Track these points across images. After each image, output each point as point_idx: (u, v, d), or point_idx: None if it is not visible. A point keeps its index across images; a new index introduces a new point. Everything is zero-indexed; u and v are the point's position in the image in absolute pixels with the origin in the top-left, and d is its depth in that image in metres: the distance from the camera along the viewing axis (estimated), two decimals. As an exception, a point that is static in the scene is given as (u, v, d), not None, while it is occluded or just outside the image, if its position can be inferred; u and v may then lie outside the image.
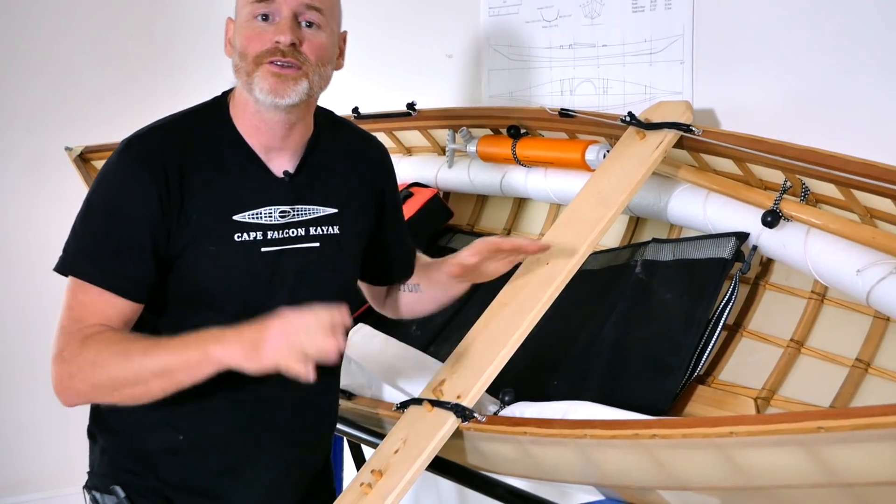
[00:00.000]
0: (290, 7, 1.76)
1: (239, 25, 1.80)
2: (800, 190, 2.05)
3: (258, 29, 1.76)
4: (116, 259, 1.75)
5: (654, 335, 2.11)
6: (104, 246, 1.76)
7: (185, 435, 1.85)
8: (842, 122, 2.12)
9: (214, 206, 1.79)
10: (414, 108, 2.81)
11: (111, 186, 1.79)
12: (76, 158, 3.35)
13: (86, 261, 1.76)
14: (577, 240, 2.02)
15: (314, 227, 1.88)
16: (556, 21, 2.67)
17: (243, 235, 1.80)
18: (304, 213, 1.87)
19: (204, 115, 1.88)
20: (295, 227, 1.86)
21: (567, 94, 2.67)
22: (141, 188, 1.75)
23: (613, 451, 1.71)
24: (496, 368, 1.90)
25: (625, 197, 2.06)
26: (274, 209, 1.83)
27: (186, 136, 1.82)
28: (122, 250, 1.75)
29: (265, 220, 1.82)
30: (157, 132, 1.83)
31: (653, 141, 2.13)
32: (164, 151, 1.78)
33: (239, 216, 1.80)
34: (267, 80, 1.75)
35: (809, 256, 2.01)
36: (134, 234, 1.75)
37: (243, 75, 1.78)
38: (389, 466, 1.84)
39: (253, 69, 1.76)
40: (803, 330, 2.12)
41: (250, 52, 1.76)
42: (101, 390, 1.73)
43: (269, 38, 1.75)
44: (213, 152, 1.82)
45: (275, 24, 1.76)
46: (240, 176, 1.82)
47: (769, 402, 2.06)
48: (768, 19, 2.22)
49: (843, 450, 1.39)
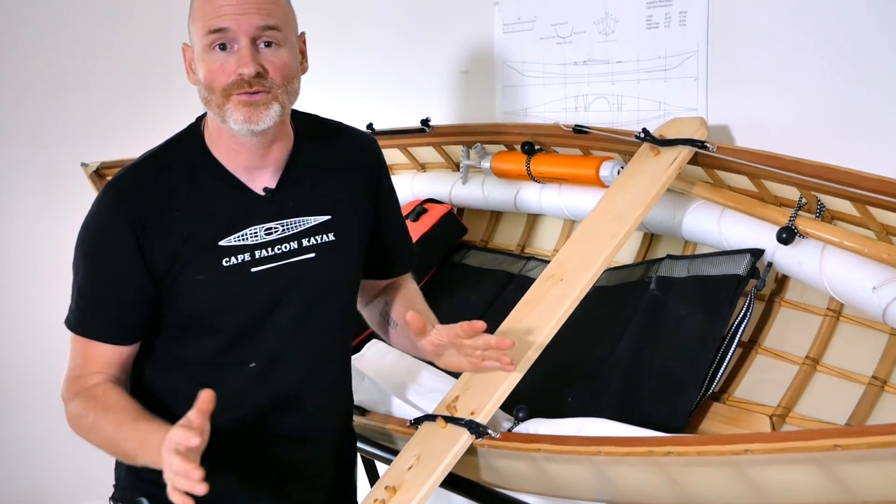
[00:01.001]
0: (246, 34, 1.71)
1: (199, 56, 1.75)
2: (815, 206, 2.04)
3: (218, 61, 1.72)
4: (101, 309, 1.81)
5: (669, 352, 2.10)
6: (88, 297, 1.81)
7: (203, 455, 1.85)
8: (857, 138, 2.11)
9: (199, 235, 1.78)
10: (428, 124, 2.82)
11: (91, 237, 1.80)
12: (92, 174, 3.36)
13: (74, 313, 1.84)
14: (591, 256, 2.02)
15: (307, 238, 1.85)
16: (571, 37, 2.67)
17: (231, 259, 1.79)
18: (294, 225, 1.84)
19: (178, 145, 1.86)
20: (286, 241, 1.83)
21: (581, 110, 2.67)
22: (119, 235, 1.75)
23: (628, 468, 1.70)
24: (510, 385, 1.90)
25: (639, 213, 2.06)
26: (259, 228, 1.81)
27: (162, 172, 1.81)
28: (106, 300, 1.80)
29: (251, 241, 1.80)
30: (132, 173, 1.82)
31: (667, 157, 2.13)
32: (141, 192, 1.77)
33: (224, 241, 1.79)
34: (239, 111, 1.72)
35: (825, 273, 2.01)
36: (116, 283, 1.78)
37: (214, 107, 1.75)
38: (403, 483, 1.83)
39: (223, 102, 1.73)
40: (819, 347, 2.11)
41: (217, 86, 1.72)
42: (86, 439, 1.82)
43: (231, 70, 1.71)
44: (190, 182, 1.80)
45: (234, 53, 1.72)
46: (220, 200, 1.80)
47: (785, 420, 2.05)
48: (783, 36, 2.22)
49: (859, 468, 1.39)
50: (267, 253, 1.81)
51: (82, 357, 1.83)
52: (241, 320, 1.81)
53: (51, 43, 4.05)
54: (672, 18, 2.41)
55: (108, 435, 1.75)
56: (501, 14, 2.85)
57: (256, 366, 1.84)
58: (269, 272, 1.81)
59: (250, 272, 1.79)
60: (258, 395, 1.85)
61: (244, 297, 1.80)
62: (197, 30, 1.74)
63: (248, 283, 1.80)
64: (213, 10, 1.71)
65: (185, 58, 1.82)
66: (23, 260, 4.03)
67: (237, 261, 1.79)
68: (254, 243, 1.80)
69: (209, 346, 1.82)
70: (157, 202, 1.76)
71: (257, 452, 1.89)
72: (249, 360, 1.84)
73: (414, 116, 2.85)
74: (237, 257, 1.79)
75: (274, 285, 1.82)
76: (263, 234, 1.81)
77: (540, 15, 2.74)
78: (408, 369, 2.38)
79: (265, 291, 1.81)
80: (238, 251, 1.79)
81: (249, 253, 1.79)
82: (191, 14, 1.77)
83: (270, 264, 1.81)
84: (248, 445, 1.87)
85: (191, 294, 1.78)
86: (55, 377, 3.94)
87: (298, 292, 1.84)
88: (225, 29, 1.70)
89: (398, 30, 3.24)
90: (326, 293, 1.88)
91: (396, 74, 3.22)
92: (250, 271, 1.79)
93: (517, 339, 1.96)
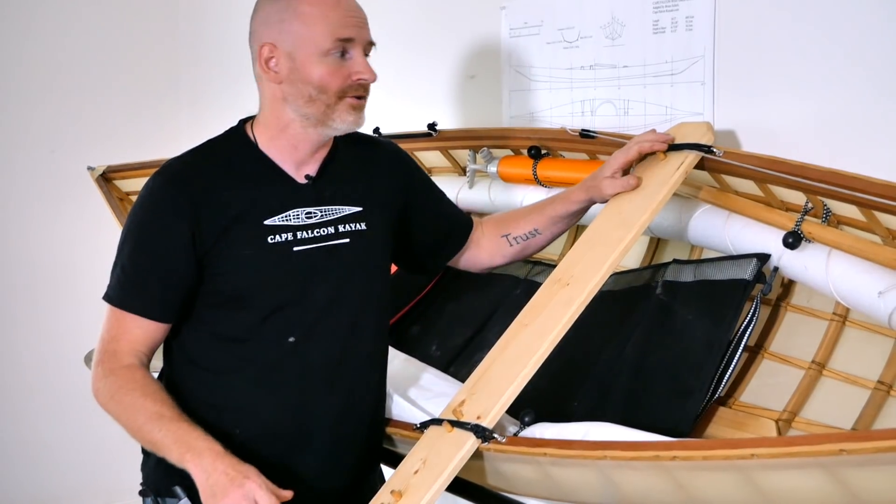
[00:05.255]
0: (361, 44, 1.94)
1: (309, 58, 1.91)
2: (821, 211, 2.04)
3: (336, 65, 1.91)
4: (143, 284, 1.94)
5: (675, 356, 2.10)
6: (132, 273, 1.94)
7: (241, 428, 1.98)
8: (863, 142, 2.11)
9: (245, 214, 1.94)
10: (435, 128, 2.82)
11: (141, 216, 1.95)
12: (98, 178, 3.37)
13: (115, 288, 1.94)
14: (597, 261, 2.02)
15: (342, 225, 2.02)
16: (577, 42, 2.67)
17: (276, 237, 1.95)
18: (331, 212, 2.02)
19: (223, 142, 2.03)
20: (324, 226, 2.00)
21: (588, 114, 2.67)
22: (169, 212, 1.92)
23: (634, 472, 1.70)
24: (516, 389, 1.90)
25: (646, 218, 2.06)
26: (300, 211, 1.98)
27: (210, 159, 1.99)
28: (149, 276, 1.93)
29: (293, 222, 1.97)
30: (179, 161, 1.99)
31: (674, 162, 2.13)
32: (191, 174, 1.95)
33: (269, 220, 1.95)
34: (350, 114, 1.95)
35: (831, 278, 2.00)
36: (162, 260, 1.93)
37: (321, 106, 1.93)
38: (409, 487, 1.83)
39: (335, 102, 1.93)
40: (825, 352, 2.11)
41: (332, 87, 1.92)
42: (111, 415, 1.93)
43: (346, 74, 1.92)
44: (237, 170, 1.98)
45: (349, 59, 1.93)
46: (265, 186, 1.97)
47: (791, 424, 2.05)
48: (789, 40, 2.22)
49: (865, 472, 1.39)
50: (307, 234, 1.98)
51: (118, 330, 1.95)
52: (281, 295, 1.96)
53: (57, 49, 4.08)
54: (679, 23, 2.42)
55: (139, 420, 1.86)
56: (508, 18, 2.85)
57: (295, 340, 1.98)
58: (309, 252, 1.98)
59: (293, 250, 1.96)
60: (294, 368, 1.99)
61: (286, 272, 1.96)
62: (315, 33, 1.91)
63: (291, 260, 1.96)
64: (343, 20, 1.92)
65: (262, 56, 1.95)
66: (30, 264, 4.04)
67: (281, 239, 1.95)
68: (296, 224, 1.97)
69: (247, 320, 1.96)
70: (205, 185, 1.94)
71: (290, 423, 2.01)
72: (288, 334, 1.97)
73: (421, 121, 2.85)
74: (281, 236, 1.96)
75: (313, 263, 1.97)
76: (304, 218, 1.99)
77: (547, 19, 2.74)
78: (414, 373, 2.38)
79: (305, 268, 1.97)
80: (282, 230, 1.96)
81: (292, 233, 1.97)
82: (296, 17, 1.91)
83: (310, 245, 1.98)
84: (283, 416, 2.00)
85: (237, 268, 1.93)
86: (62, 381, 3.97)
87: (334, 272, 2.00)
88: (351, 39, 1.92)
89: (405, 34, 3.24)
90: (359, 274, 2.05)
91: (403, 79, 3.22)
92: (293, 250, 1.96)
93: (523, 345, 1.96)
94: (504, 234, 2.26)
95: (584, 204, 2.20)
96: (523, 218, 2.26)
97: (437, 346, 2.62)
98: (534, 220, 2.24)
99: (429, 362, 2.48)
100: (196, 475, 1.79)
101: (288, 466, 1.98)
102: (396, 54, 3.22)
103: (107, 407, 1.92)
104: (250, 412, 1.99)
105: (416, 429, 2.02)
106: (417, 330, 2.74)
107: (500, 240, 2.27)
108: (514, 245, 2.26)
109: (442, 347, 2.61)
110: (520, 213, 2.29)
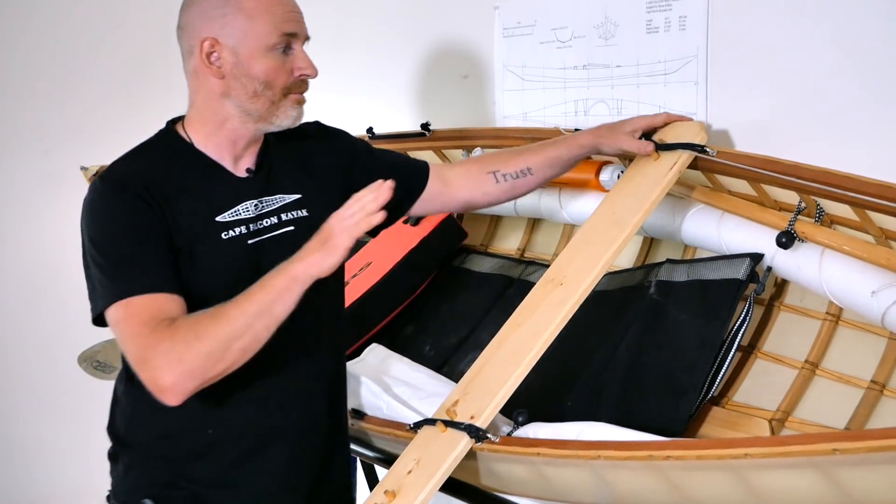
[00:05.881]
0: (302, 39, 1.94)
1: (253, 54, 1.88)
2: (814, 211, 2.04)
3: (281, 60, 1.90)
4: (145, 265, 1.81)
5: (669, 356, 2.10)
6: (128, 262, 1.81)
7: (213, 428, 1.94)
8: (856, 142, 2.11)
9: (196, 212, 1.89)
10: (428, 128, 2.82)
11: (104, 217, 1.85)
12: (92, 178, 3.37)
13: (121, 282, 1.79)
14: (591, 260, 2.02)
15: (284, 214, 1.99)
16: (571, 42, 2.67)
17: (229, 232, 1.91)
18: (272, 202, 1.98)
19: (158, 144, 1.99)
20: (269, 216, 1.97)
21: (581, 114, 2.67)
22: (132, 207, 1.83)
23: (627, 472, 1.70)
24: (510, 389, 1.90)
25: (639, 217, 2.06)
26: (249, 204, 1.95)
27: (147, 162, 1.94)
28: (147, 257, 1.82)
29: (244, 216, 1.93)
30: (120, 164, 1.94)
31: (667, 162, 2.13)
32: (136, 176, 1.87)
33: (220, 217, 1.91)
34: (293, 110, 1.94)
35: (824, 277, 2.01)
36: (148, 242, 1.82)
37: (265, 102, 1.91)
38: (402, 487, 1.83)
39: (279, 98, 1.91)
40: (818, 351, 2.11)
41: (278, 83, 1.90)
42: (213, 357, 1.74)
43: (289, 69, 1.90)
44: (177, 169, 1.93)
45: (291, 55, 1.91)
46: (209, 183, 1.93)
47: (784, 424, 2.05)
48: (782, 40, 2.22)
49: (858, 472, 1.39)
50: (255, 227, 1.94)
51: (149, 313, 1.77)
52: (235, 291, 1.82)
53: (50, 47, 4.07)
54: (672, 23, 2.42)
55: (245, 307, 1.75)
56: (501, 18, 2.85)
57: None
58: (261, 243, 1.94)
59: (247, 244, 1.93)
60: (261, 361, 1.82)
61: (241, 267, 1.90)
62: (259, 29, 1.88)
63: (245, 254, 1.92)
64: (286, 14, 1.90)
65: (202, 50, 1.90)
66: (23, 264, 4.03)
67: (235, 233, 1.91)
68: (247, 217, 1.94)
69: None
70: (152, 184, 1.86)
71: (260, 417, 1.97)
72: None
73: (414, 121, 2.85)
74: (234, 230, 1.92)
75: (266, 255, 1.92)
76: (253, 210, 1.95)
77: (540, 19, 2.74)
78: (407, 373, 2.38)
79: (257, 261, 1.91)
80: (234, 225, 1.92)
81: (245, 226, 1.93)
82: (240, 12, 1.88)
83: (262, 236, 1.94)
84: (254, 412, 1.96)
85: (193, 267, 1.86)
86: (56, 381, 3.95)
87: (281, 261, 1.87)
88: (295, 33, 1.91)
89: (398, 34, 3.24)
90: None
91: (396, 78, 3.22)
92: (247, 243, 1.93)
93: (517, 344, 1.96)
94: (491, 170, 2.22)
95: (589, 151, 2.21)
96: (516, 156, 2.23)
97: (430, 345, 2.62)
98: (528, 159, 2.21)
99: (422, 362, 2.48)
100: (308, 263, 1.77)
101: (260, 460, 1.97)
102: (389, 54, 3.23)
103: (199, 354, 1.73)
104: (229, 409, 1.92)
105: (410, 429, 2.02)
106: (411, 330, 2.74)
107: (484, 176, 2.23)
108: (502, 182, 2.22)
109: (435, 347, 2.61)
110: (511, 151, 2.27)
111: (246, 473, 1.97)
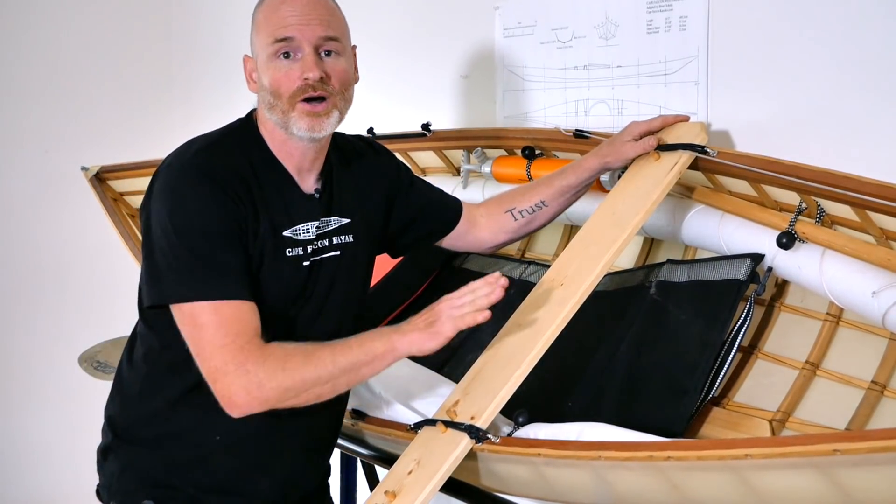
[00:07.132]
0: (310, 43, 1.86)
1: (263, 65, 1.89)
2: (815, 211, 2.04)
3: (284, 68, 1.86)
4: (240, 271, 1.82)
5: (669, 357, 2.10)
6: (221, 263, 1.80)
7: (221, 435, 1.93)
8: (857, 143, 2.11)
9: (269, 221, 1.88)
10: (429, 128, 2.82)
11: (197, 208, 1.81)
12: (92, 178, 3.36)
13: (211, 282, 1.79)
14: (591, 261, 2.02)
15: (336, 237, 1.99)
16: (571, 42, 2.67)
17: (293, 251, 1.91)
18: (329, 224, 1.98)
19: (238, 136, 1.95)
20: (323, 238, 1.97)
21: (582, 114, 2.67)
22: (228, 206, 1.81)
23: (628, 472, 1.70)
24: (510, 389, 1.90)
25: (639, 218, 2.06)
26: (311, 225, 1.94)
27: (233, 155, 1.90)
28: (241, 262, 1.83)
29: (304, 236, 1.93)
30: (211, 150, 1.89)
31: (667, 162, 2.13)
32: (226, 168, 1.85)
33: (287, 232, 1.91)
34: (304, 121, 1.86)
35: (825, 278, 2.01)
36: (240, 246, 1.83)
37: (279, 113, 1.88)
38: (403, 488, 1.83)
39: (289, 108, 1.87)
40: (819, 352, 2.11)
41: (283, 92, 1.86)
42: (290, 392, 1.78)
43: (296, 76, 1.86)
44: (255, 172, 1.90)
45: (298, 60, 1.86)
46: (280, 195, 1.92)
47: (784, 425, 2.05)
48: (783, 40, 2.22)
49: (858, 473, 1.39)
50: (314, 247, 1.95)
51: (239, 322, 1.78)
52: (279, 308, 1.89)
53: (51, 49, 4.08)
54: (672, 23, 2.42)
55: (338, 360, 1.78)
56: (502, 18, 2.85)
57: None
58: (312, 265, 1.95)
59: (302, 265, 1.93)
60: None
61: (293, 286, 1.92)
62: (261, 40, 1.90)
63: (299, 274, 1.93)
64: (279, 21, 1.86)
65: (246, 68, 1.96)
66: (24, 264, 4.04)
67: (295, 253, 1.92)
68: (307, 238, 1.94)
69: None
70: (239, 181, 1.86)
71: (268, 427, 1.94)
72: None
73: (414, 121, 2.85)
74: (297, 250, 1.92)
75: (313, 277, 1.94)
76: (314, 231, 1.95)
77: (540, 19, 2.74)
78: (408, 374, 2.38)
79: (306, 283, 1.93)
80: (296, 244, 1.92)
81: (303, 248, 1.93)
82: (254, 26, 1.92)
83: (315, 258, 1.95)
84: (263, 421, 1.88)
85: (258, 275, 1.86)
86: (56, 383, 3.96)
87: (323, 286, 1.96)
88: (290, 38, 1.85)
89: (399, 34, 3.24)
90: (344, 286, 2.01)
91: (397, 79, 3.22)
92: (302, 264, 1.93)
93: (517, 345, 1.96)
94: (508, 209, 2.25)
95: (597, 172, 2.21)
96: (529, 191, 2.25)
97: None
98: (541, 192, 2.23)
99: (422, 362, 2.48)
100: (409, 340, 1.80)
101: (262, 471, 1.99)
102: (390, 54, 3.23)
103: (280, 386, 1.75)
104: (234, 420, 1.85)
105: (410, 429, 2.02)
106: (412, 330, 2.74)
107: (503, 216, 2.25)
108: (519, 219, 2.24)
109: (436, 348, 2.60)
110: (525, 187, 2.29)
111: (245, 482, 1.98)
